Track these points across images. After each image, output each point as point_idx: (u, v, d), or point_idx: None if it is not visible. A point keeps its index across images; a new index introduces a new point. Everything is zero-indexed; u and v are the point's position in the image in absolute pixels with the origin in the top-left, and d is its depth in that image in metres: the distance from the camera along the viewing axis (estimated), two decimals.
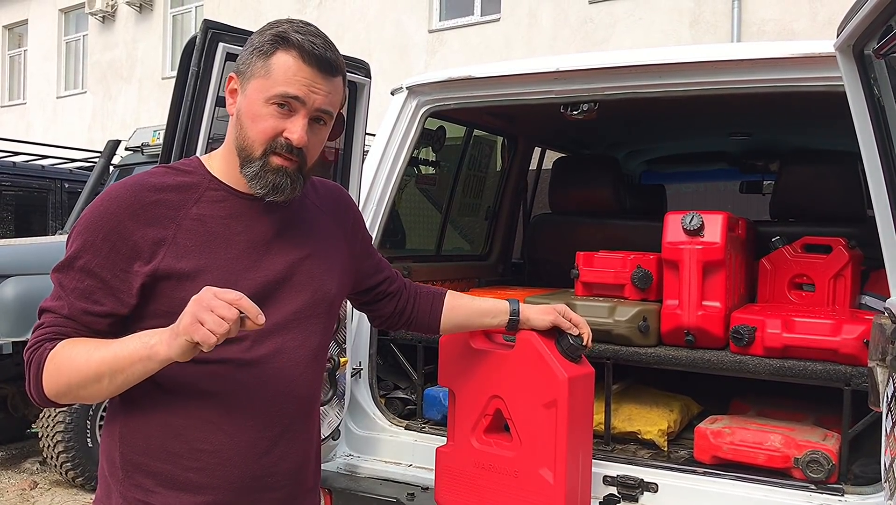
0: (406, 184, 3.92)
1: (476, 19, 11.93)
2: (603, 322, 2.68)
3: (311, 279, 1.68)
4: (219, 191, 1.61)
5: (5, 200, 7.99)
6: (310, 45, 1.53)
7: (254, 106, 1.55)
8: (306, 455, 1.73)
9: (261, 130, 1.54)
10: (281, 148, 1.55)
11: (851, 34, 1.84)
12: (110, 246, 1.50)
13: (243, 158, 1.57)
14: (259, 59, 1.55)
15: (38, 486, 5.49)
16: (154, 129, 7.07)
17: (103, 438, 1.64)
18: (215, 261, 1.55)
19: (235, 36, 2.58)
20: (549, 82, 2.72)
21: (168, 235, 1.52)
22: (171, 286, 1.51)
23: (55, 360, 1.48)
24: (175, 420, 1.55)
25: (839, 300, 2.85)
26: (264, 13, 13.82)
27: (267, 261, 1.61)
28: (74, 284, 1.51)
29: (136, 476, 1.57)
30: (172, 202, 1.55)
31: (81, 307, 1.51)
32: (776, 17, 9.36)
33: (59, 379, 1.48)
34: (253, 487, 1.61)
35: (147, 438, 1.56)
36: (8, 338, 5.08)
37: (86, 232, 1.52)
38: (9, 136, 11.45)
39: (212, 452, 1.56)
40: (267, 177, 1.55)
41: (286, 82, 1.52)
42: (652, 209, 4.68)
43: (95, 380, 1.45)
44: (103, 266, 1.50)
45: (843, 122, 2.06)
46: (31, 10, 18.60)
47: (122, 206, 1.52)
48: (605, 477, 2.45)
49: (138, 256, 1.51)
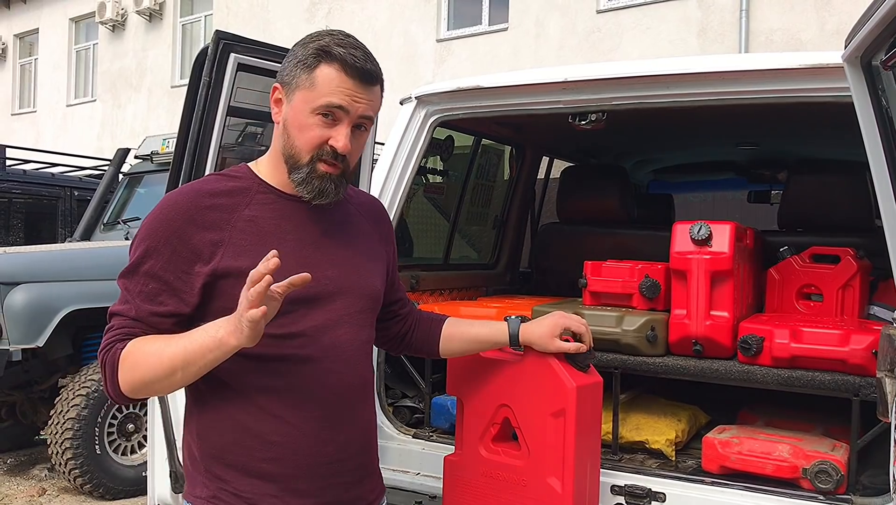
0: (414, 193, 3.94)
1: (484, 29, 11.97)
2: (611, 331, 2.69)
3: (359, 276, 1.78)
4: (268, 194, 1.71)
5: (15, 208, 8.03)
6: (351, 58, 1.62)
7: (300, 116, 1.64)
8: (368, 438, 1.84)
9: (307, 139, 1.65)
10: (326, 155, 1.65)
11: (859, 45, 1.85)
12: (172, 250, 1.61)
13: (291, 165, 1.68)
14: (303, 71, 1.64)
15: (47, 492, 5.51)
16: (163, 138, 7.10)
17: (184, 436, 1.77)
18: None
19: (246, 46, 2.60)
20: (558, 92, 2.73)
21: (224, 237, 1.63)
22: (230, 284, 1.59)
23: (129, 359, 1.57)
24: (244, 416, 1.66)
25: (847, 310, 2.84)
26: (273, 22, 13.89)
27: (316, 258, 1.70)
28: (140, 287, 1.61)
29: (214, 468, 1.68)
30: (226, 206, 1.66)
31: (148, 309, 1.61)
32: (784, 27, 9.36)
33: (134, 375, 1.57)
34: (323, 472, 1.71)
35: (221, 433, 1.67)
36: (18, 345, 5.10)
37: (148, 239, 1.63)
38: (19, 144, 11.53)
39: (282, 443, 1.66)
40: (313, 182, 1.66)
41: (330, 93, 1.62)
42: (660, 219, 4.69)
43: (170, 374, 1.55)
44: (166, 269, 1.61)
45: (850, 133, 2.07)
46: (41, 20, 18.74)
47: (181, 212, 1.63)
48: (612, 486, 2.44)
49: (198, 258, 1.61)
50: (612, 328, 2.69)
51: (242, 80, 2.62)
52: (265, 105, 2.92)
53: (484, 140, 4.06)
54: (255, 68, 2.64)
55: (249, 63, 2.60)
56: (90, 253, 6.04)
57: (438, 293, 3.65)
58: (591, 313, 2.79)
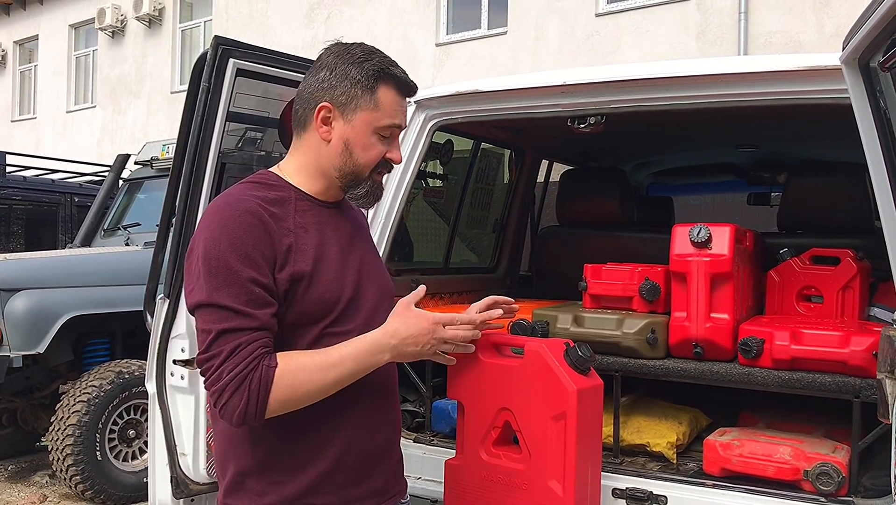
0: (414, 197, 3.94)
1: (483, 33, 11.97)
2: (611, 334, 2.69)
3: (378, 275, 1.88)
4: (305, 201, 1.77)
5: (16, 214, 8.03)
6: (404, 77, 1.77)
7: (363, 136, 1.74)
8: (399, 431, 1.96)
9: (372, 157, 1.76)
10: (383, 167, 1.79)
11: (857, 47, 1.85)
12: (261, 255, 1.62)
13: (349, 181, 1.77)
14: (365, 93, 1.72)
15: (48, 499, 5.51)
16: (163, 144, 7.10)
17: (233, 441, 1.76)
18: (325, 261, 1.72)
19: (245, 52, 2.60)
20: (557, 96, 2.74)
21: (293, 242, 1.68)
22: (302, 288, 1.66)
23: (286, 378, 1.60)
24: (293, 420, 1.67)
25: (847, 312, 2.84)
26: (272, 27, 13.91)
27: (352, 259, 1.80)
28: (247, 296, 1.59)
29: (270, 472, 1.72)
30: (281, 215, 1.70)
31: (266, 313, 1.61)
32: (783, 30, 9.37)
33: (291, 396, 1.61)
34: (373, 463, 1.81)
35: (279, 436, 1.70)
36: (19, 351, 5.09)
37: (235, 248, 1.60)
38: (19, 150, 11.54)
39: (330, 440, 1.73)
40: (376, 193, 1.81)
41: (394, 114, 1.75)
42: (659, 221, 4.68)
43: (329, 391, 1.66)
44: (262, 273, 1.61)
45: (849, 134, 2.07)
46: (41, 26, 18.75)
47: (259, 217, 1.64)
48: (614, 490, 2.44)
49: (277, 263, 1.65)
50: (612, 331, 2.69)
51: (242, 86, 2.63)
52: (264, 110, 2.95)
53: (483, 144, 4.06)
54: (254, 73, 2.65)
55: (248, 68, 2.60)
56: (90, 259, 6.04)
57: (438, 297, 3.65)
58: (592, 316, 2.80)
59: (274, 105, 2.87)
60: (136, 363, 5.43)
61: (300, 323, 1.67)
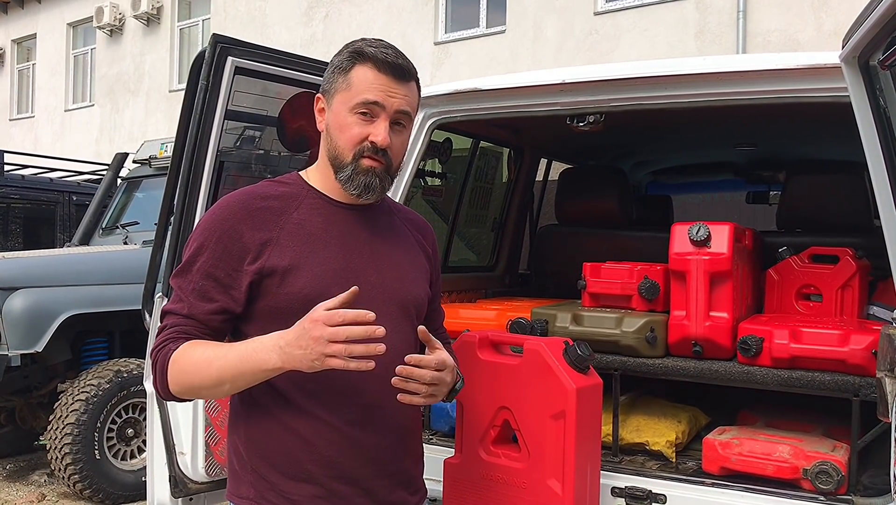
0: (413, 195, 3.93)
1: (482, 31, 11.97)
2: (610, 333, 2.69)
3: (401, 284, 1.81)
4: (317, 199, 1.77)
5: (14, 213, 8.02)
6: (383, 55, 1.69)
7: (339, 117, 1.71)
8: (408, 443, 1.83)
9: (348, 138, 1.71)
10: (368, 151, 1.71)
11: (857, 45, 1.85)
12: (223, 248, 1.67)
13: (336, 166, 1.74)
14: (340, 75, 1.72)
15: (46, 498, 5.50)
16: (161, 142, 7.08)
17: (230, 438, 1.81)
18: (314, 258, 1.69)
19: (244, 50, 2.60)
20: (556, 94, 2.74)
21: (273, 237, 1.68)
22: (275, 282, 1.66)
23: (179, 363, 1.63)
24: (288, 418, 1.69)
25: (847, 310, 2.84)
26: (271, 26, 13.90)
27: (360, 263, 1.75)
28: (192, 285, 1.68)
29: (261, 469, 1.72)
30: (276, 208, 1.72)
31: (199, 306, 1.67)
32: (781, 28, 9.37)
33: (183, 380, 1.64)
34: (365, 474, 1.73)
35: (267, 435, 1.71)
36: (17, 350, 5.09)
37: (201, 237, 1.70)
38: (17, 149, 11.54)
39: (323, 445, 1.69)
40: (359, 178, 1.71)
41: (366, 90, 1.68)
42: (659, 220, 4.68)
43: (218, 385, 1.62)
44: (217, 266, 1.67)
45: (848, 133, 2.07)
46: (39, 25, 18.73)
47: (233, 212, 1.70)
48: (613, 488, 2.44)
49: (247, 256, 1.67)
50: (611, 330, 2.69)
51: (240, 84, 2.62)
52: (263, 108, 2.95)
53: (482, 142, 4.06)
54: (252, 71, 2.64)
55: (247, 66, 2.60)
56: (89, 258, 6.03)
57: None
58: (591, 315, 2.79)
59: (272, 103, 2.87)
60: (134, 362, 5.43)
61: (278, 315, 1.64)
